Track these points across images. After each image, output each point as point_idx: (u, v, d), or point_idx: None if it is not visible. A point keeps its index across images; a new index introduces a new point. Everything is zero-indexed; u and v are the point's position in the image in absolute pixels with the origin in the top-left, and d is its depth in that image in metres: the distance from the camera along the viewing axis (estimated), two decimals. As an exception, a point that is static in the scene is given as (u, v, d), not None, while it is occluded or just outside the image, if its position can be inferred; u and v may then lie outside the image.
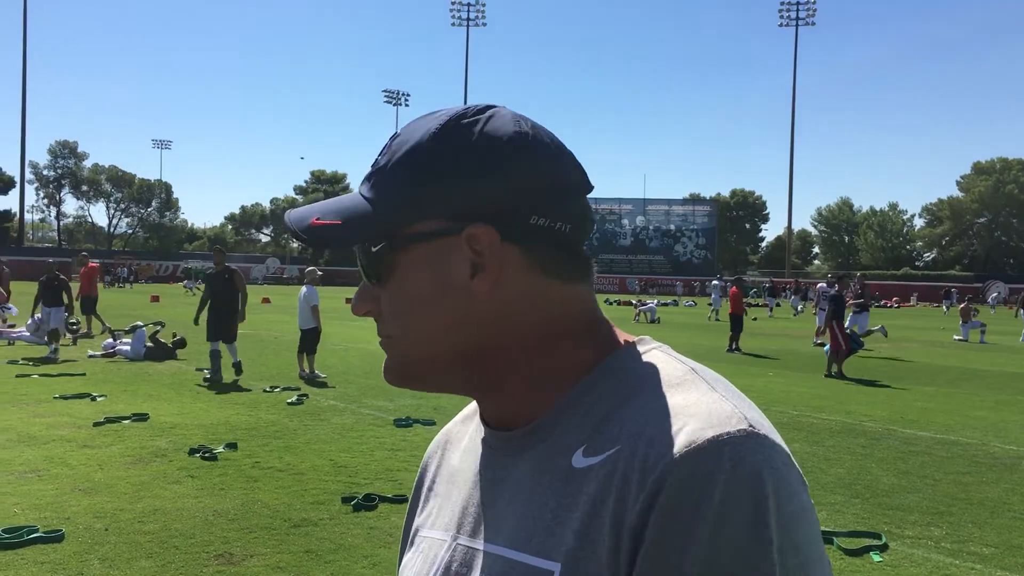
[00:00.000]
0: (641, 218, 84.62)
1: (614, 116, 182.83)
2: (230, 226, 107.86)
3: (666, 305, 44.64)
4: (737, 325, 18.87)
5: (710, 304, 35.00)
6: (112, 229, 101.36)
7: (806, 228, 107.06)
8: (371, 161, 0.80)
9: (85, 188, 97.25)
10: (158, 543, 4.92)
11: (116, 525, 5.24)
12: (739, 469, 0.63)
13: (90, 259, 20.32)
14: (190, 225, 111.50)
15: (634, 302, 36.47)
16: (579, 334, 0.78)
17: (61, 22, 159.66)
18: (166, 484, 6.23)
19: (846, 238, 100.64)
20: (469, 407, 0.91)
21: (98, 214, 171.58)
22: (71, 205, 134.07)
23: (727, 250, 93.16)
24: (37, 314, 15.62)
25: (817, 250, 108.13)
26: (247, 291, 12.76)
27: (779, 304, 45.07)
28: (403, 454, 7.38)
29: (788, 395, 11.76)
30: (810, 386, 12.92)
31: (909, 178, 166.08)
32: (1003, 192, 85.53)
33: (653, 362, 0.75)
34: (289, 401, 10.12)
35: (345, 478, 6.51)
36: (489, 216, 0.74)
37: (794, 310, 41.67)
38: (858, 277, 22.58)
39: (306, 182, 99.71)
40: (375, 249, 0.76)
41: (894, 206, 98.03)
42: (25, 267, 44.05)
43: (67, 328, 16.29)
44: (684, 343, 19.27)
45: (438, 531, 0.82)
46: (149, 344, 14.45)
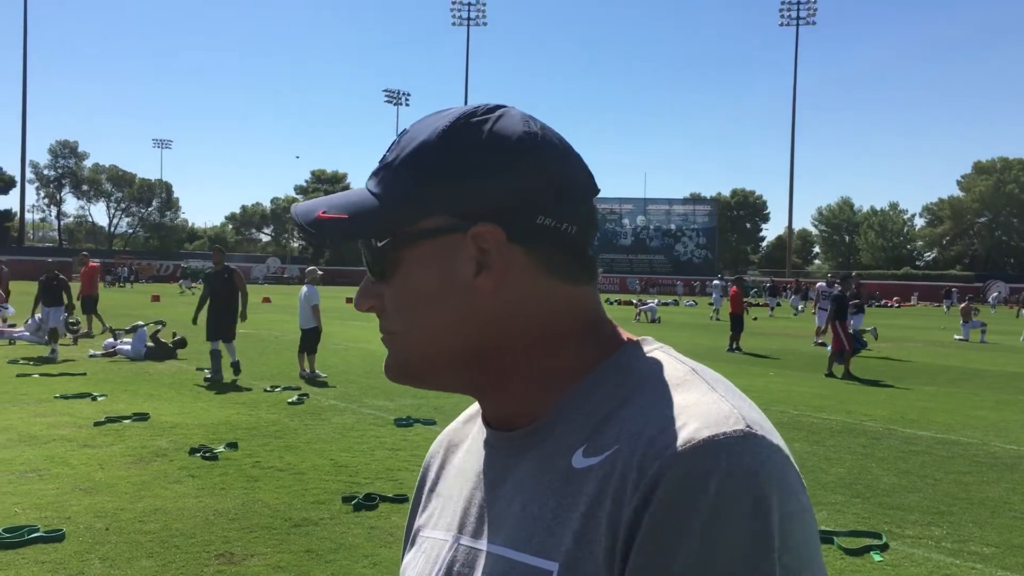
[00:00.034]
0: (642, 218, 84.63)
1: (614, 116, 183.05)
2: (231, 226, 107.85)
3: (667, 305, 44.62)
4: (737, 325, 18.89)
5: (711, 304, 35.01)
6: (112, 229, 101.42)
7: (807, 228, 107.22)
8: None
9: (85, 188, 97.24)
10: (159, 543, 4.93)
11: (117, 525, 5.24)
12: (736, 469, 0.62)
13: (90, 259, 20.33)
14: (191, 225, 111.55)
15: (635, 302, 36.46)
16: (582, 335, 0.78)
17: (61, 22, 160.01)
18: (167, 484, 6.23)
19: (847, 238, 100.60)
20: (471, 408, 0.91)
21: (98, 214, 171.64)
22: (71, 205, 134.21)
23: (728, 250, 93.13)
24: (37, 314, 15.64)
25: (818, 250, 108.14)
26: (247, 290, 12.76)
27: (779, 304, 45.05)
28: (404, 454, 7.38)
29: (788, 395, 11.76)
30: (810, 386, 12.92)
31: (910, 178, 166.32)
32: (1004, 192, 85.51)
33: (654, 363, 0.75)
34: (290, 401, 10.12)
35: (346, 478, 6.51)
36: (495, 215, 0.74)
37: (794, 310, 41.67)
38: (853, 277, 22.58)
39: (307, 182, 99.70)
40: (380, 244, 0.76)
41: (895, 206, 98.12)
42: (26, 267, 44.09)
43: (67, 328, 16.30)
44: (684, 343, 19.27)
45: (440, 531, 0.82)
46: (150, 344, 14.46)
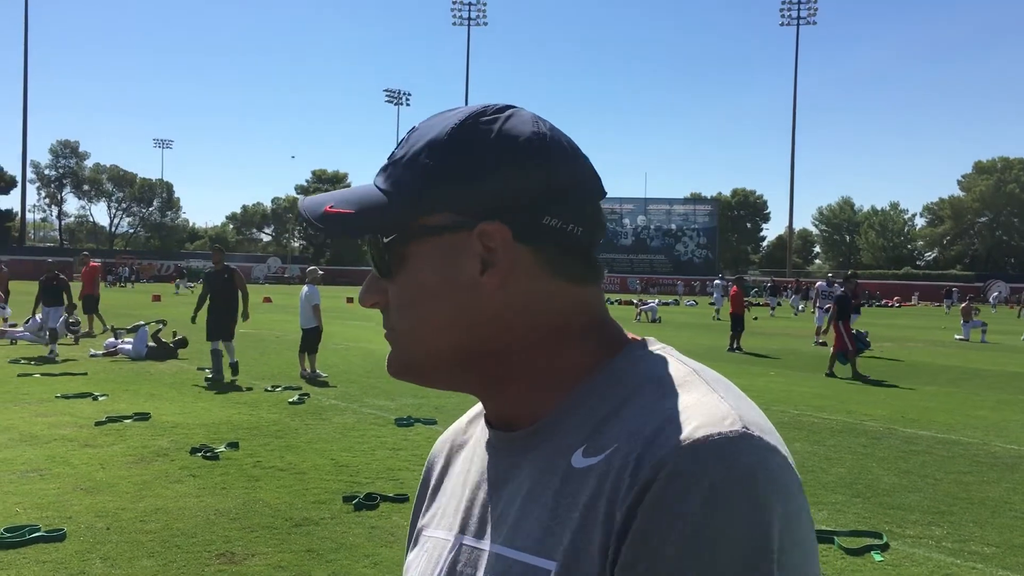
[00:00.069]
0: (642, 217, 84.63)
1: (615, 115, 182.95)
2: (231, 225, 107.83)
3: (667, 305, 44.61)
4: (738, 324, 18.89)
5: (711, 303, 35.00)
6: (113, 229, 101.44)
7: (807, 227, 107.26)
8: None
9: (86, 188, 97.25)
10: (160, 542, 4.93)
11: (118, 524, 5.24)
12: (731, 469, 0.63)
13: (91, 259, 20.34)
14: (191, 224, 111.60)
15: (635, 301, 36.44)
16: (585, 336, 0.78)
17: (62, 21, 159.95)
18: (168, 483, 6.23)
19: (847, 237, 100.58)
20: (474, 409, 0.91)
21: (99, 214, 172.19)
22: (72, 205, 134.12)
23: (728, 249, 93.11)
24: (38, 314, 15.65)
25: (818, 249, 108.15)
26: (247, 290, 12.76)
27: (780, 304, 45.04)
28: (404, 453, 7.38)
29: (789, 394, 11.76)
30: (811, 385, 12.92)
31: (910, 177, 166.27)
32: (1004, 191, 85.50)
33: (656, 363, 0.76)
34: (290, 400, 10.13)
35: (346, 477, 6.52)
36: (502, 214, 0.74)
37: (794, 309, 41.66)
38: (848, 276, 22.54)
39: (307, 181, 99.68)
40: (387, 241, 0.76)
41: (895, 205, 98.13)
42: (27, 267, 44.13)
43: (67, 328, 16.30)
44: (685, 342, 19.27)
45: (443, 531, 0.83)
46: (151, 344, 14.47)
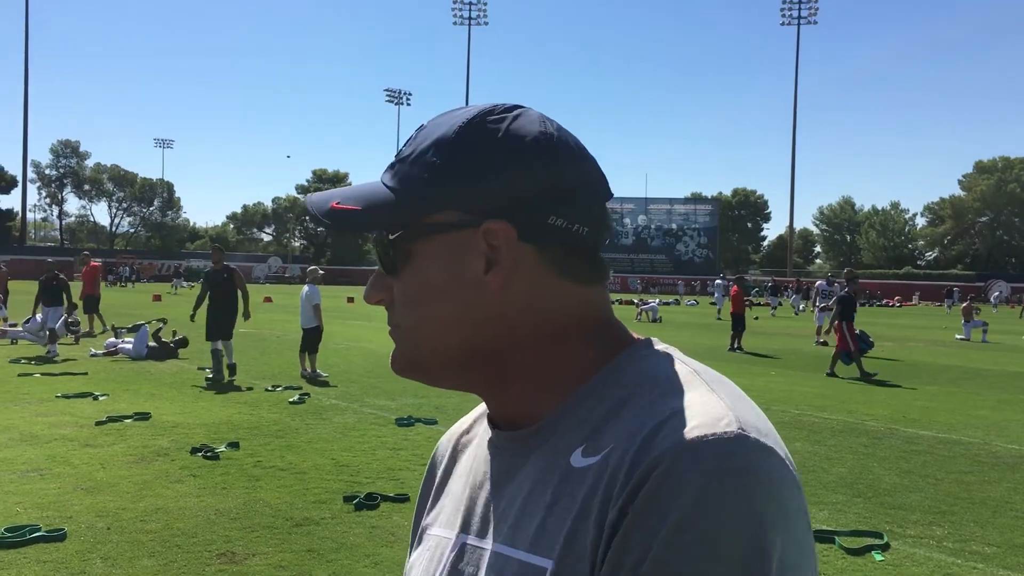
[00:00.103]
0: (643, 217, 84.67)
1: (615, 115, 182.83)
2: (232, 225, 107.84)
3: (668, 304, 44.61)
4: (739, 324, 18.90)
5: (712, 303, 34.99)
6: (114, 228, 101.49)
7: (808, 227, 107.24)
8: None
9: (87, 187, 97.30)
10: (160, 542, 4.93)
11: (118, 524, 5.24)
12: (725, 470, 0.63)
13: (92, 258, 20.34)
14: (192, 224, 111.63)
15: (636, 301, 36.42)
16: (589, 336, 0.78)
17: (63, 21, 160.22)
18: (168, 483, 6.23)
19: (848, 237, 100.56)
20: (478, 408, 0.91)
21: (100, 213, 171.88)
22: (73, 204, 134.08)
23: (729, 249, 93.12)
24: (38, 314, 15.65)
25: (819, 249, 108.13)
26: (247, 289, 12.76)
27: (781, 303, 45.03)
28: (405, 453, 7.38)
29: (790, 394, 11.76)
30: (812, 385, 12.92)
31: (911, 177, 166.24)
32: (1005, 191, 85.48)
33: (657, 364, 0.75)
34: (291, 400, 10.13)
35: (347, 477, 6.52)
36: (508, 213, 0.74)
37: (795, 309, 41.66)
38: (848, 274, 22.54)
39: (308, 181, 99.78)
40: (392, 238, 0.77)
41: (896, 205, 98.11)
42: (27, 266, 44.15)
43: (67, 328, 16.31)
44: (686, 342, 19.26)
45: (445, 530, 0.83)
46: (151, 343, 14.48)
